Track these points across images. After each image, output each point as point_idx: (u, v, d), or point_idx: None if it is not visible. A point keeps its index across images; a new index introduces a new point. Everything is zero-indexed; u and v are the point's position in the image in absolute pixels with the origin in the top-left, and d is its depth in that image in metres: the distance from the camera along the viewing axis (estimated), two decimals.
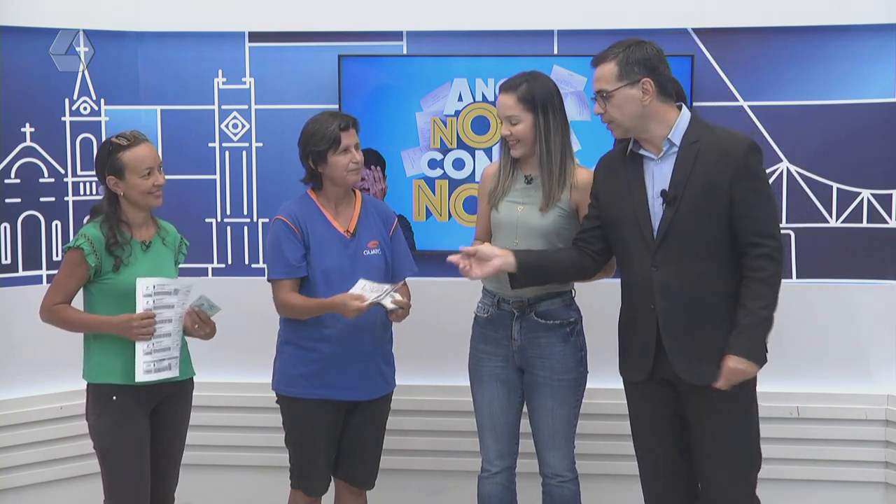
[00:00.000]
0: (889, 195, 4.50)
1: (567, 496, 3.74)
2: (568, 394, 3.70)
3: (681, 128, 3.37)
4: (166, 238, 3.69)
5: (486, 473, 3.78)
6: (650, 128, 3.37)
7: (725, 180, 3.27)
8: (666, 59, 3.40)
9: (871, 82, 4.46)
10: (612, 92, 3.35)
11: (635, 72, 3.33)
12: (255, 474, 4.74)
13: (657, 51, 3.38)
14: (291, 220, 3.73)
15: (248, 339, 4.55)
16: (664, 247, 3.35)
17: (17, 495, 4.53)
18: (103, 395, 3.54)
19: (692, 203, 3.30)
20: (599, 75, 3.38)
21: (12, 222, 4.54)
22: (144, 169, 3.53)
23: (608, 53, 3.38)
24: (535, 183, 3.70)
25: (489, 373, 3.76)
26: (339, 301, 3.59)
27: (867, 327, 4.55)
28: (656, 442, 3.52)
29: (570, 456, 3.74)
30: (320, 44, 4.67)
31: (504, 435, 3.76)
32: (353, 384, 3.74)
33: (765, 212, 3.30)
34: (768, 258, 3.28)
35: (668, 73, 3.40)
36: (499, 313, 3.73)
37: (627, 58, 3.33)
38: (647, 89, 3.33)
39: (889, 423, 4.50)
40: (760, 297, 3.28)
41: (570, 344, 3.70)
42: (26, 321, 4.50)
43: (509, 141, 3.68)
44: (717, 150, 3.30)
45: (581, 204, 3.65)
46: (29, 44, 4.52)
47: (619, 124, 3.39)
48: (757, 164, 3.32)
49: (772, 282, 3.29)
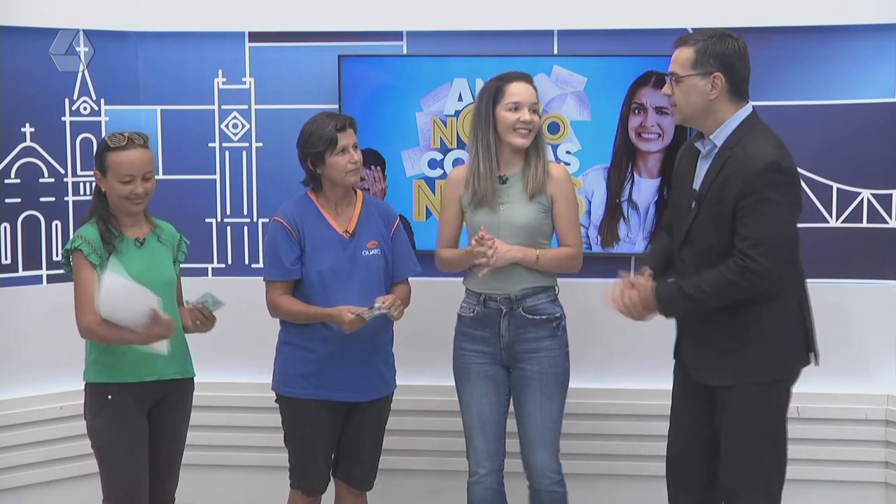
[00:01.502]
0: (889, 195, 4.50)
1: (556, 500, 3.74)
2: (556, 388, 3.73)
3: (726, 130, 3.34)
4: (162, 236, 3.67)
5: (475, 477, 3.78)
6: (707, 123, 3.36)
7: (734, 193, 3.25)
8: (747, 59, 3.36)
9: (871, 82, 4.46)
10: (683, 77, 3.34)
11: (710, 64, 3.30)
12: (255, 474, 4.74)
13: (739, 48, 3.34)
14: (289, 221, 3.73)
15: (248, 339, 4.55)
16: (686, 244, 3.39)
17: (17, 495, 4.53)
18: (99, 394, 3.54)
19: (708, 208, 3.31)
20: (676, 57, 3.37)
21: (12, 222, 4.54)
22: (125, 175, 3.51)
23: (690, 38, 3.37)
24: (510, 181, 3.75)
25: (477, 370, 3.78)
26: (336, 312, 3.61)
27: (867, 327, 4.55)
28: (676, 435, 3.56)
29: (556, 456, 3.76)
30: (320, 44, 4.66)
31: (493, 434, 3.77)
32: (353, 385, 3.74)
33: (753, 228, 3.22)
34: (740, 270, 3.21)
35: (746, 74, 3.36)
36: (485, 311, 3.76)
37: (707, 48, 3.31)
38: (716, 84, 3.31)
39: (889, 423, 4.49)
40: (710, 283, 3.25)
41: (556, 339, 3.75)
42: (26, 321, 4.53)
43: (525, 128, 3.70)
44: (739, 161, 3.27)
45: (556, 196, 3.73)
46: (29, 44, 4.51)
47: (680, 110, 3.39)
48: (767, 183, 3.21)
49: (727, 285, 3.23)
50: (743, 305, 3.29)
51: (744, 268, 3.21)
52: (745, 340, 3.33)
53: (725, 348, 3.34)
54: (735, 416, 3.34)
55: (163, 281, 3.60)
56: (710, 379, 3.38)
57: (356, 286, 3.72)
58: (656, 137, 4.48)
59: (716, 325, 3.34)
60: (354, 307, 3.62)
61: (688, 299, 3.29)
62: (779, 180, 3.24)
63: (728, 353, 3.34)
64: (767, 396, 3.35)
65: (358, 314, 3.60)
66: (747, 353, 3.32)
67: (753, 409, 3.33)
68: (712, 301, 3.27)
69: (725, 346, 3.34)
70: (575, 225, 3.78)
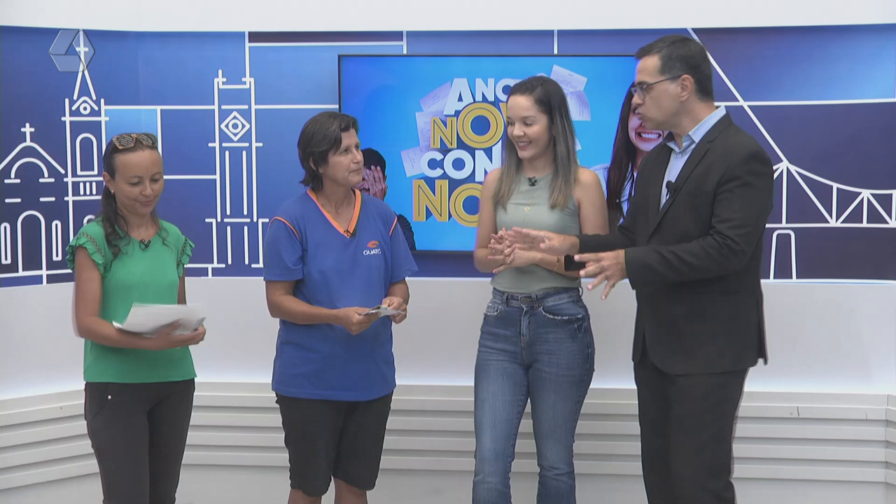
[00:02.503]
0: (889, 195, 4.50)
1: (562, 489, 3.79)
2: (571, 390, 3.75)
3: (705, 127, 3.43)
4: (167, 238, 3.68)
5: (479, 476, 3.78)
6: (682, 123, 3.45)
7: (714, 181, 3.33)
8: (709, 59, 3.48)
9: (871, 82, 4.46)
10: (652, 84, 3.42)
11: (677, 67, 3.40)
12: (255, 474, 4.74)
13: (700, 49, 3.47)
14: (291, 221, 3.73)
15: (248, 339, 4.55)
16: (657, 235, 3.44)
17: (17, 495, 4.52)
18: (99, 394, 3.54)
19: (684, 197, 3.38)
20: (642, 67, 3.45)
21: (12, 222, 4.54)
22: (133, 177, 3.51)
23: (653, 46, 3.45)
24: (539, 184, 3.79)
25: (496, 367, 3.80)
26: (343, 314, 3.61)
27: (867, 327, 4.55)
28: (647, 430, 3.60)
29: (569, 450, 3.79)
30: (320, 44, 4.67)
31: (502, 433, 3.77)
32: (353, 384, 3.74)
33: (733, 210, 3.29)
34: (718, 246, 3.28)
35: (709, 73, 3.47)
36: (508, 310, 3.79)
37: (671, 53, 3.41)
38: (685, 86, 3.41)
39: (889, 423, 4.49)
40: (688, 251, 3.29)
41: (577, 340, 3.76)
42: (26, 321, 4.53)
43: (520, 142, 3.75)
44: (720, 152, 3.36)
45: (583, 201, 3.76)
46: (29, 44, 4.51)
47: (653, 118, 3.46)
48: (748, 172, 3.32)
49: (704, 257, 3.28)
50: (705, 294, 3.36)
51: (722, 244, 3.28)
52: (704, 331, 3.38)
53: (685, 337, 3.40)
54: (687, 403, 3.39)
55: (165, 283, 3.61)
56: (669, 366, 3.43)
57: (357, 286, 3.72)
58: (656, 137, 4.47)
59: (678, 313, 3.40)
60: (361, 308, 3.62)
61: (665, 264, 3.32)
62: (760, 170, 3.35)
63: (687, 342, 3.40)
64: (720, 387, 3.40)
65: (366, 314, 3.60)
66: (706, 343, 3.38)
67: (705, 396, 3.38)
68: (687, 270, 3.31)
69: (686, 334, 3.40)
70: (601, 231, 3.79)
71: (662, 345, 3.46)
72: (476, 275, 4.08)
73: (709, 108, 3.46)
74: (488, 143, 4.58)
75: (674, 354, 3.43)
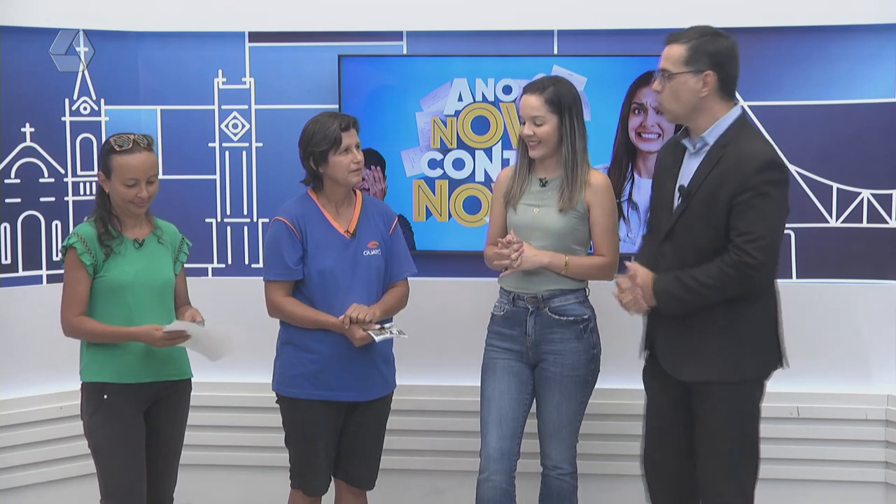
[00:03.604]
0: (889, 195, 4.50)
1: (564, 489, 3.78)
2: (575, 390, 3.75)
3: (719, 128, 3.35)
4: (162, 237, 3.67)
5: (484, 475, 3.77)
6: (697, 120, 3.37)
7: (729, 191, 3.26)
8: (737, 59, 3.38)
9: (871, 82, 4.46)
10: (674, 74, 3.34)
11: (702, 62, 3.32)
12: (255, 474, 4.74)
13: (730, 47, 3.36)
14: (292, 221, 3.73)
15: (248, 339, 4.54)
16: (669, 240, 3.39)
17: (17, 495, 4.53)
18: (95, 394, 3.55)
19: (698, 205, 3.32)
20: (668, 54, 3.37)
21: (12, 222, 4.54)
22: (130, 179, 3.51)
23: (683, 35, 3.37)
24: (549, 185, 3.78)
25: (503, 366, 3.81)
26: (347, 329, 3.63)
27: (867, 327, 4.55)
28: (655, 436, 3.55)
29: (572, 450, 3.78)
30: (320, 44, 4.66)
31: (508, 432, 3.77)
32: (353, 385, 3.74)
33: (750, 222, 3.23)
34: (736, 265, 3.23)
35: (735, 73, 3.38)
36: (514, 310, 3.79)
37: (699, 46, 3.32)
38: (707, 82, 3.32)
39: (889, 423, 4.50)
40: (709, 275, 3.25)
41: (583, 341, 3.76)
42: (26, 321, 4.53)
43: (530, 142, 3.74)
44: (733, 160, 3.28)
45: (592, 204, 3.73)
46: (29, 44, 4.51)
47: (670, 109, 3.40)
48: (765, 180, 3.24)
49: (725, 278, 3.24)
50: (724, 301, 3.30)
51: (739, 262, 3.23)
52: (725, 337, 3.33)
53: (704, 344, 3.34)
54: (712, 412, 3.35)
55: (160, 282, 3.61)
56: (689, 375, 3.38)
57: (357, 286, 3.73)
58: (656, 137, 4.48)
59: (695, 321, 3.34)
60: (367, 324, 3.62)
61: (688, 291, 3.28)
62: (776, 178, 3.28)
63: (708, 349, 3.34)
64: (745, 394, 3.37)
65: (369, 332, 3.61)
66: (727, 350, 3.33)
67: (731, 406, 3.34)
68: (710, 293, 3.27)
69: (705, 341, 3.34)
70: (610, 234, 3.78)
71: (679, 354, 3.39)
72: (476, 275, 4.09)
73: (727, 107, 3.36)
74: (488, 143, 4.58)
75: (695, 364, 3.35)
